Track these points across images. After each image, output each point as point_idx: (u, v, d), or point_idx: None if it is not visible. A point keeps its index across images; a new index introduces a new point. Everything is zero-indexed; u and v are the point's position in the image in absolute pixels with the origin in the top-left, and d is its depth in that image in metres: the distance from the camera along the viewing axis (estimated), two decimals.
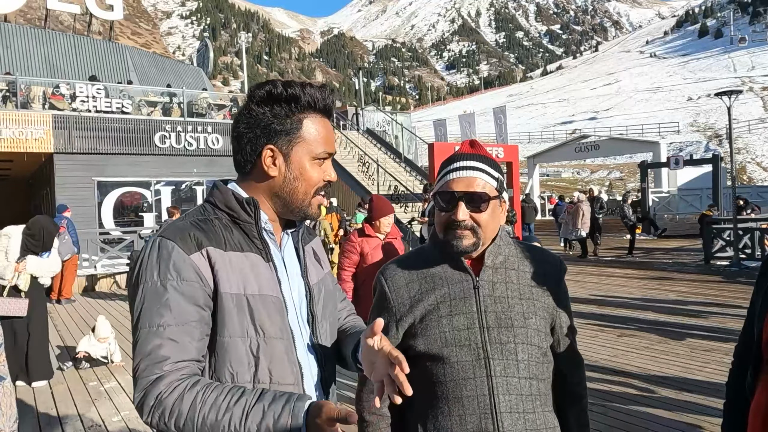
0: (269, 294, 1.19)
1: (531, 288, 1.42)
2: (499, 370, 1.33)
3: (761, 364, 1.30)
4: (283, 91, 1.23)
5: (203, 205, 1.27)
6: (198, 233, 1.16)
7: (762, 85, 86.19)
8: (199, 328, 1.12)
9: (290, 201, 1.26)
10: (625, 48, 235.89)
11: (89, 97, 16.18)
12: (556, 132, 79.43)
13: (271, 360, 1.17)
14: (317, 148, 1.25)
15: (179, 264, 1.12)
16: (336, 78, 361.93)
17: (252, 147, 1.24)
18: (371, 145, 19.67)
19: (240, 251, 1.18)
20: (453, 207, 1.36)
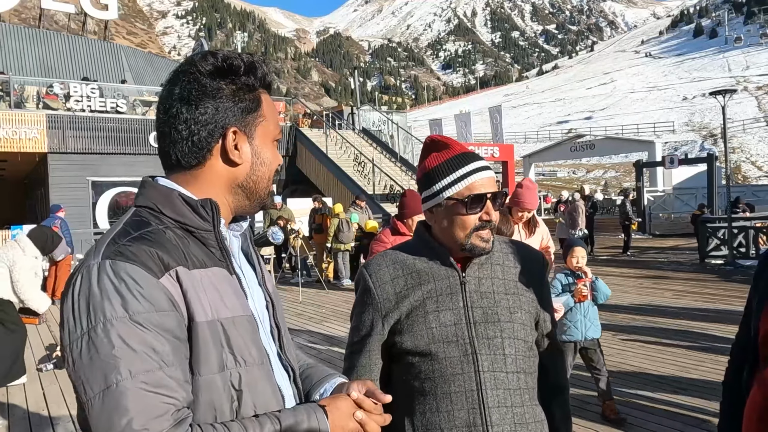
0: (243, 314, 0.99)
1: (516, 283, 1.43)
2: (487, 365, 1.34)
3: (758, 361, 1.28)
4: (242, 61, 1.02)
5: (138, 212, 0.99)
6: (159, 250, 0.91)
7: (756, 85, 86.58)
8: (184, 367, 0.91)
9: (255, 191, 1.06)
10: (621, 48, 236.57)
11: (83, 96, 16.14)
12: (552, 132, 79.59)
13: (254, 390, 0.98)
14: (275, 128, 1.08)
15: (149, 291, 0.88)
16: (332, 78, 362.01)
17: (209, 131, 0.99)
18: (367, 145, 19.66)
19: (203, 267, 0.96)
20: (481, 209, 1.37)
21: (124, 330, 0.84)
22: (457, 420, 1.33)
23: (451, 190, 1.39)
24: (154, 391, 0.84)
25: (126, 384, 0.83)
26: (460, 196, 1.37)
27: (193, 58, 1.03)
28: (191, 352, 0.92)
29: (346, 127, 21.19)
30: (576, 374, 4.52)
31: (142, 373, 0.84)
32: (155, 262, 0.90)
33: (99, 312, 0.85)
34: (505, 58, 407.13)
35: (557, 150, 29.57)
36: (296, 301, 9.80)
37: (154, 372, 0.85)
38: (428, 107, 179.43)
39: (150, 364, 0.85)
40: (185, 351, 0.91)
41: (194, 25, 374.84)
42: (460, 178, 1.38)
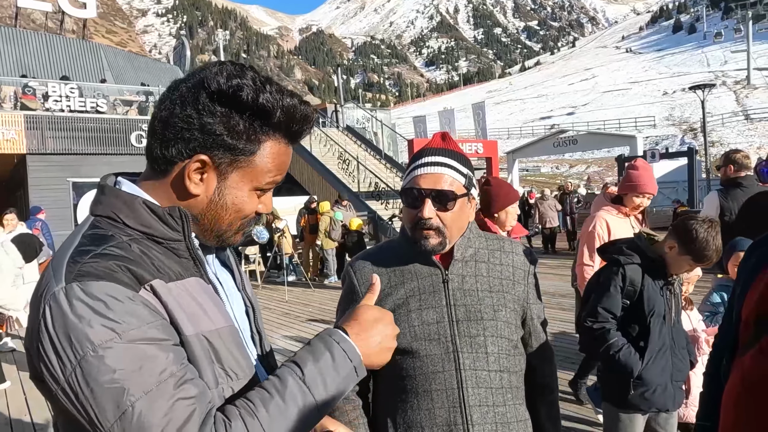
0: (225, 325, 0.92)
1: (501, 280, 1.41)
2: (468, 363, 1.33)
3: (738, 348, 1.29)
4: (255, 99, 0.89)
5: (97, 223, 0.89)
6: (129, 265, 0.83)
7: (734, 80, 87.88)
8: (192, 369, 0.84)
9: (209, 228, 0.95)
10: (602, 43, 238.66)
11: (62, 96, 15.90)
12: (535, 127, 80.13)
13: None
14: (264, 178, 0.94)
15: (130, 306, 0.79)
16: (315, 75, 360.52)
17: (182, 146, 0.89)
18: (351, 142, 19.63)
19: (179, 279, 0.88)
20: (419, 204, 1.34)
21: (118, 351, 0.77)
22: (437, 418, 1.32)
23: (404, 182, 1.40)
24: (174, 398, 0.78)
25: (142, 402, 0.76)
26: (402, 190, 1.39)
27: (211, 65, 0.92)
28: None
29: (330, 124, 21.14)
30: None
31: (154, 387, 0.78)
32: (128, 277, 0.82)
33: (84, 341, 0.76)
34: (487, 54, 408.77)
35: (540, 146, 29.71)
36: (282, 300, 9.77)
37: (167, 381, 0.79)
38: (412, 104, 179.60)
39: (158, 375, 0.78)
40: (184, 354, 0.84)
41: (175, 23, 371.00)
42: (410, 171, 1.39)
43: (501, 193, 2.93)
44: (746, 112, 67.65)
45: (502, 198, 2.92)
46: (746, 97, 76.00)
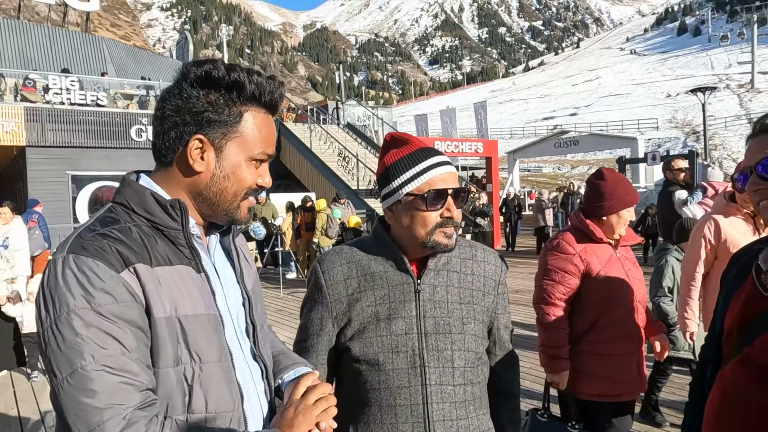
0: (204, 313, 1.02)
1: (472, 291, 1.39)
2: (435, 378, 1.31)
3: (721, 361, 1.29)
4: (226, 74, 1.03)
5: (113, 208, 1.04)
6: (120, 247, 0.96)
7: (738, 83, 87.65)
8: (146, 353, 0.96)
9: (216, 203, 1.07)
10: (606, 45, 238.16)
11: (63, 89, 15.88)
12: (538, 127, 79.99)
13: (208, 387, 1.01)
14: (255, 147, 1.07)
15: (110, 284, 0.92)
16: (319, 72, 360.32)
17: (177, 134, 1.04)
18: (351, 140, 19.60)
19: (168, 265, 1.00)
20: (442, 204, 1.33)
21: (86, 320, 0.90)
22: None
23: (410, 185, 1.34)
24: (117, 374, 0.89)
25: (90, 368, 0.88)
26: (419, 192, 1.33)
27: (188, 63, 1.07)
28: (150, 345, 0.96)
29: (331, 121, 21.10)
30: None
31: (104, 358, 0.89)
32: (116, 258, 0.94)
33: (63, 303, 0.90)
34: (491, 54, 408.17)
35: (541, 146, 29.70)
36: (278, 297, 9.76)
37: (117, 357, 0.90)
38: (415, 102, 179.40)
39: (111, 349, 0.90)
40: (146, 340, 0.95)
41: (179, 18, 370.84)
42: (419, 173, 1.34)
43: (617, 192, 2.40)
44: (749, 115, 67.46)
45: (617, 198, 2.39)
46: (750, 101, 75.80)
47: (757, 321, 1.19)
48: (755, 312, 1.20)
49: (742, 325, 1.23)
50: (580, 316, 2.43)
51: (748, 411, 1.15)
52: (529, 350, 5.80)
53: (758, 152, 1.19)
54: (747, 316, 1.22)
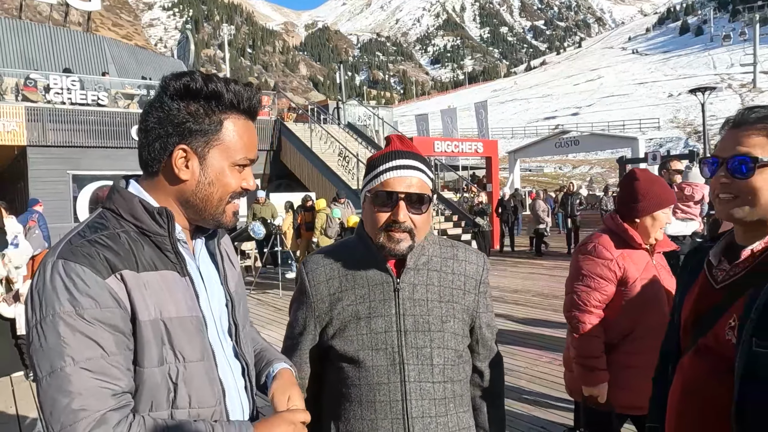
0: (187, 315, 1.08)
1: (452, 290, 1.40)
2: (414, 375, 1.33)
3: (680, 353, 1.36)
4: (204, 86, 1.08)
5: (102, 214, 1.09)
6: (108, 254, 1.01)
7: (740, 82, 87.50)
8: (127, 356, 1.00)
9: (203, 208, 1.12)
10: (608, 44, 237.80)
11: (64, 89, 15.91)
12: (539, 127, 79.93)
13: (191, 385, 1.07)
14: (237, 153, 1.12)
15: (95, 290, 0.97)
16: (320, 72, 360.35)
17: (162, 145, 1.09)
18: (352, 140, 19.59)
19: (154, 270, 1.06)
20: (392, 207, 1.32)
21: (70, 323, 0.95)
22: (379, 429, 1.32)
23: (370, 185, 1.37)
24: (95, 377, 0.95)
25: (68, 369, 0.93)
26: (373, 192, 1.35)
27: (166, 77, 1.11)
28: (135, 346, 1.01)
29: (331, 121, 21.10)
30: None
31: (83, 361, 0.94)
32: (103, 265, 0.99)
33: (49, 306, 0.96)
34: (493, 53, 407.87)
35: (542, 146, 29.65)
36: (276, 296, 9.79)
37: (96, 360, 0.95)
38: (416, 102, 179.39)
39: (92, 353, 0.95)
40: (128, 344, 1.00)
41: (181, 17, 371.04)
42: (379, 174, 1.35)
43: (651, 192, 2.28)
44: None
45: (652, 198, 2.27)
46: (752, 101, 75.67)
47: (711, 313, 1.26)
48: (708, 304, 1.28)
49: (696, 318, 1.30)
50: (613, 325, 2.30)
51: (705, 404, 1.21)
52: (525, 348, 5.83)
53: (733, 145, 1.23)
54: (701, 308, 1.30)
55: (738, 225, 1.28)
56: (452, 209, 16.73)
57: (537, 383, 4.80)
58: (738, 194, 1.22)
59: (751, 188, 1.20)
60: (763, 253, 1.23)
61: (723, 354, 1.20)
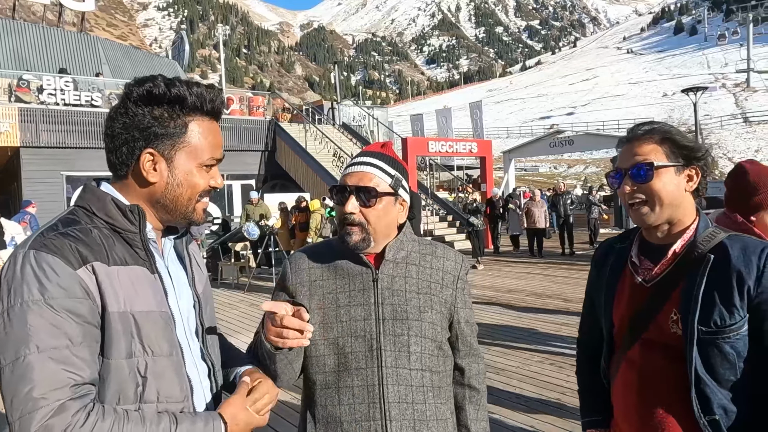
0: (156, 310, 1.10)
1: (430, 283, 1.45)
2: (390, 361, 1.36)
3: (614, 350, 1.51)
4: (167, 91, 1.11)
5: (74, 211, 1.11)
6: (79, 246, 1.03)
7: (734, 82, 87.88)
8: (93, 348, 1.01)
9: (173, 208, 1.16)
10: (603, 44, 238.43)
11: (57, 89, 15.87)
12: (535, 127, 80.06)
13: (160, 379, 1.08)
14: (203, 154, 1.15)
15: (65, 280, 0.99)
16: (316, 72, 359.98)
17: (129, 149, 1.11)
18: (347, 140, 19.61)
19: (124, 265, 1.08)
20: (345, 201, 1.39)
21: (38, 311, 0.96)
22: (357, 413, 1.35)
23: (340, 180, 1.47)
24: (59, 366, 0.95)
25: (32, 357, 0.94)
26: (332, 188, 1.45)
27: (129, 83, 1.13)
28: (103, 338, 1.03)
29: (326, 121, 21.11)
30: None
31: (48, 350, 0.95)
32: (74, 256, 1.01)
33: (18, 294, 0.97)
34: (488, 53, 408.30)
35: (537, 146, 29.61)
36: (270, 297, 9.77)
37: (61, 350, 0.96)
38: (412, 102, 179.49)
39: (58, 342, 0.96)
40: (96, 335, 1.02)
41: (176, 18, 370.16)
42: (344, 170, 1.46)
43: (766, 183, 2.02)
44: (745, 114, 67.65)
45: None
46: (746, 100, 76.02)
47: (646, 310, 1.39)
48: (641, 302, 1.41)
49: (632, 316, 1.42)
50: None
51: (665, 390, 1.35)
52: (518, 347, 5.85)
53: (630, 156, 1.40)
54: (634, 306, 1.42)
55: (650, 227, 1.41)
56: (447, 209, 16.77)
57: (529, 382, 4.83)
58: (646, 197, 1.37)
59: (653, 190, 1.36)
60: (683, 251, 1.37)
61: (671, 345, 1.34)
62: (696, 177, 1.39)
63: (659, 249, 1.41)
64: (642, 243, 1.47)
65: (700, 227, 1.38)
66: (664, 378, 1.36)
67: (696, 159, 1.38)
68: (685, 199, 1.38)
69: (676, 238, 1.39)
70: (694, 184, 1.39)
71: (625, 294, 1.45)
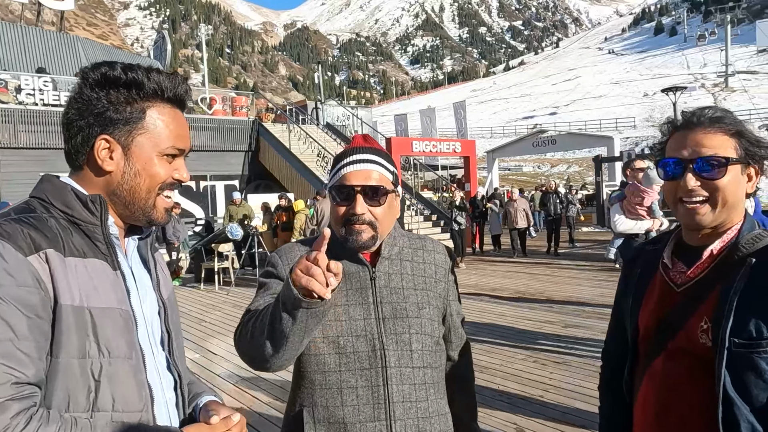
0: (117, 307, 1.00)
1: (425, 278, 1.45)
2: (394, 360, 1.35)
3: (637, 360, 1.34)
4: (122, 74, 1.04)
5: (28, 203, 1.03)
6: (32, 232, 0.94)
7: (713, 82, 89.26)
8: (40, 344, 0.90)
9: (131, 201, 1.07)
10: (585, 44, 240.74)
11: (36, 89, 15.64)
12: (518, 127, 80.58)
13: (116, 384, 0.98)
14: (164, 142, 1.07)
15: (14, 266, 0.89)
16: (300, 72, 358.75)
17: (84, 137, 1.04)
18: (330, 140, 19.58)
19: (82, 257, 0.98)
20: (350, 201, 1.35)
21: None
22: (362, 415, 1.33)
23: (332, 180, 1.42)
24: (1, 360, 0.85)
25: None
26: (333, 188, 1.40)
27: (85, 68, 1.06)
28: (53, 334, 0.92)
29: (310, 122, 21.06)
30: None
31: None
32: (26, 242, 0.92)
33: None
34: (472, 53, 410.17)
35: (520, 145, 29.92)
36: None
37: (4, 343, 0.85)
38: (396, 102, 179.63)
39: (1, 334, 0.86)
40: (45, 330, 0.91)
41: (158, 17, 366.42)
42: (338, 170, 1.40)
43: None
44: None
45: None
46: (724, 100, 77.27)
47: (675, 316, 1.24)
48: (671, 308, 1.26)
49: (659, 322, 1.28)
50: None
51: (687, 406, 1.20)
52: (501, 345, 5.89)
53: (695, 146, 1.20)
54: (663, 312, 1.27)
55: (700, 229, 1.24)
56: (431, 209, 16.81)
57: (512, 380, 4.86)
58: (709, 195, 1.19)
59: (720, 189, 1.18)
60: (721, 253, 1.21)
61: (699, 356, 1.18)
62: (756, 177, 1.24)
63: (695, 250, 1.26)
64: (677, 243, 1.32)
65: (744, 229, 1.22)
66: (686, 394, 1.21)
67: (760, 157, 1.22)
68: (742, 200, 1.23)
69: (714, 239, 1.23)
70: (753, 184, 1.23)
71: (653, 298, 1.32)
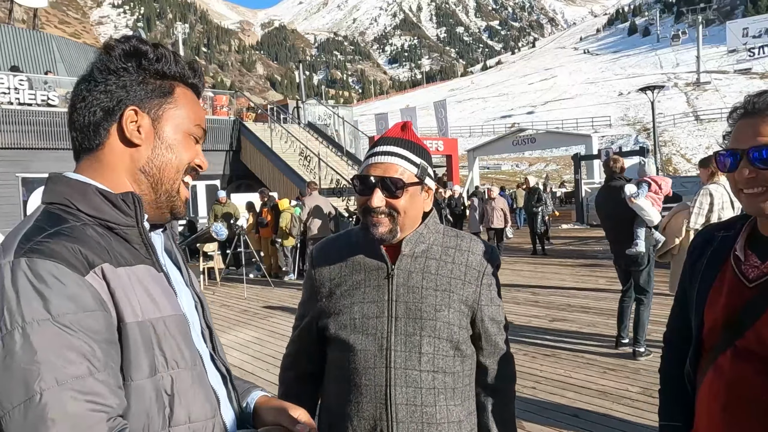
0: (173, 314, 0.93)
1: (450, 279, 1.38)
2: (400, 362, 1.32)
3: (701, 353, 1.29)
4: (153, 49, 0.97)
5: (49, 209, 0.89)
6: (82, 247, 0.82)
7: (685, 81, 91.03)
8: (115, 370, 0.82)
9: (159, 180, 0.97)
10: (561, 44, 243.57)
11: (11, 88, 15.32)
12: (496, 126, 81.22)
13: (187, 395, 0.91)
14: (191, 121, 1.01)
15: (74, 290, 0.78)
16: (278, 71, 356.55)
17: (106, 110, 0.94)
18: (312, 139, 19.52)
19: (129, 265, 0.89)
20: (369, 192, 1.34)
21: (47, 333, 0.75)
22: (364, 412, 1.34)
23: (359, 169, 1.42)
24: (84, 399, 0.75)
25: (51, 393, 0.73)
26: (356, 176, 1.40)
27: (110, 40, 0.98)
28: (122, 355, 0.84)
29: (291, 121, 20.96)
30: None
31: (69, 380, 0.75)
32: (79, 260, 0.81)
33: (16, 315, 0.75)
34: (450, 53, 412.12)
35: (500, 144, 30.21)
36: (241, 297, 9.69)
37: (84, 378, 0.76)
38: (375, 101, 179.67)
39: (78, 369, 0.76)
40: (116, 354, 0.83)
41: (132, 15, 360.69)
42: (365, 159, 1.40)
43: None
44: (696, 113, 70.20)
45: None
46: (696, 99, 78.88)
47: (746, 313, 1.17)
48: (741, 303, 1.19)
49: (729, 318, 1.21)
50: None
51: (758, 402, 1.13)
52: None
53: (751, 136, 1.14)
54: (733, 308, 1.21)
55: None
56: None
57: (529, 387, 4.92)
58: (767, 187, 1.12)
59: None
60: None
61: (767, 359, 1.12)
62: None
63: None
64: (752, 234, 1.23)
65: None
66: (757, 397, 1.13)
67: None
68: None
69: None
70: None
71: (722, 292, 1.24)
